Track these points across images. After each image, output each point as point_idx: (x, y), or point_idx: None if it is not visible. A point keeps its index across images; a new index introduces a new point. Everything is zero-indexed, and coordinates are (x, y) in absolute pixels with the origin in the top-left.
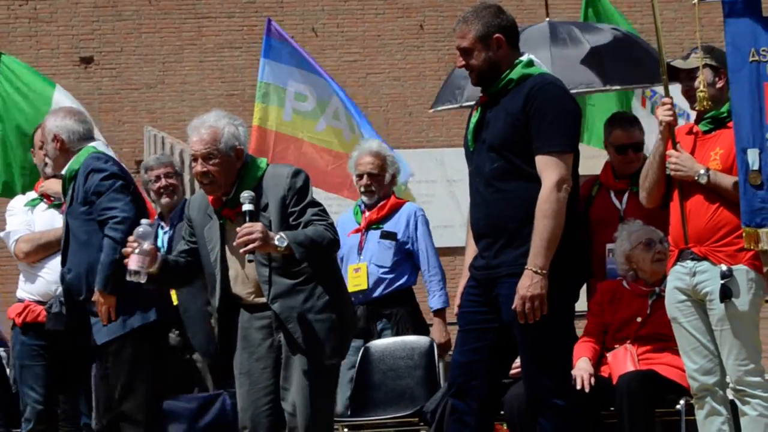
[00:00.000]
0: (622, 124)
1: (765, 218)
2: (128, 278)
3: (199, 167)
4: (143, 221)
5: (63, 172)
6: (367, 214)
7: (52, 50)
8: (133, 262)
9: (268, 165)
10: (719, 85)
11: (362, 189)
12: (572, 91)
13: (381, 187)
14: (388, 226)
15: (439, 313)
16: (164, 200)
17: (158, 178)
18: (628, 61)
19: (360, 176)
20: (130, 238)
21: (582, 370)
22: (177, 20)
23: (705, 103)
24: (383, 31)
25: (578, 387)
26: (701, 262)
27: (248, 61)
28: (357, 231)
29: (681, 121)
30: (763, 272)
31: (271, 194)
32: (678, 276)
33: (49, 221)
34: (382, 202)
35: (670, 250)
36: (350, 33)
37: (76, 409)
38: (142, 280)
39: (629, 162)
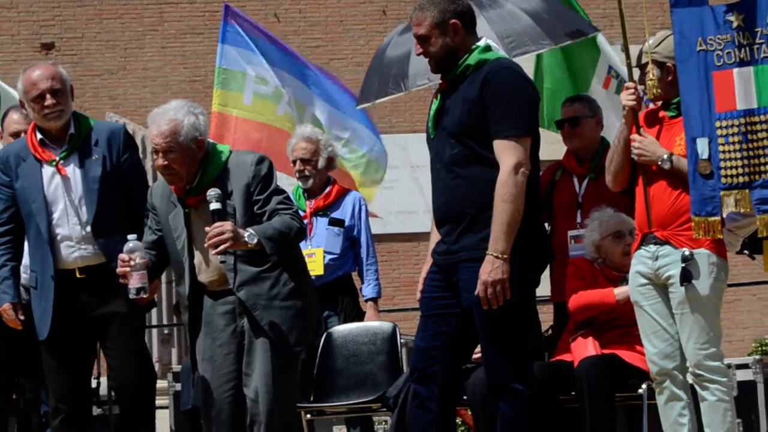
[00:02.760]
0: (565, 102)
1: (716, 207)
2: (132, 296)
3: (160, 161)
4: (130, 236)
5: (72, 131)
6: (312, 202)
7: (13, 36)
8: (135, 281)
9: (231, 152)
10: (668, 79)
11: (297, 175)
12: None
13: (316, 172)
14: (334, 213)
15: (373, 300)
16: None
17: None
18: (557, 19)
19: (294, 162)
20: (123, 256)
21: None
22: (138, 6)
23: (655, 91)
24: (346, 16)
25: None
26: (663, 246)
27: (210, 47)
28: (303, 218)
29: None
30: (726, 257)
31: (235, 182)
32: (641, 260)
33: None
34: (327, 189)
35: (636, 234)
36: (312, 18)
37: (40, 397)
38: (145, 295)
39: (568, 137)
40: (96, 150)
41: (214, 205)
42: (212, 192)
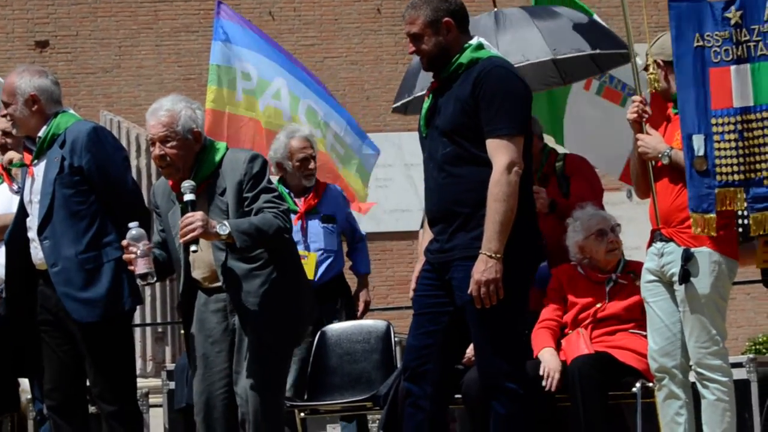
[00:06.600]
0: None
1: (711, 204)
2: (140, 283)
3: (156, 150)
4: (131, 224)
5: (40, 134)
6: (301, 200)
7: (7, 34)
8: (141, 266)
9: (227, 149)
10: (665, 75)
11: (305, 173)
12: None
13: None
14: (324, 210)
15: (366, 276)
16: None
17: None
18: (587, 31)
19: (304, 160)
20: (125, 243)
21: (551, 368)
22: (133, 4)
23: (656, 84)
24: (340, 14)
25: (547, 388)
26: (668, 243)
27: (205, 45)
28: (298, 217)
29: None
30: (734, 255)
31: (229, 179)
32: (650, 257)
33: (7, 204)
34: (313, 187)
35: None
36: (307, 17)
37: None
38: (153, 280)
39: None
40: (59, 152)
41: (188, 197)
42: (187, 183)
